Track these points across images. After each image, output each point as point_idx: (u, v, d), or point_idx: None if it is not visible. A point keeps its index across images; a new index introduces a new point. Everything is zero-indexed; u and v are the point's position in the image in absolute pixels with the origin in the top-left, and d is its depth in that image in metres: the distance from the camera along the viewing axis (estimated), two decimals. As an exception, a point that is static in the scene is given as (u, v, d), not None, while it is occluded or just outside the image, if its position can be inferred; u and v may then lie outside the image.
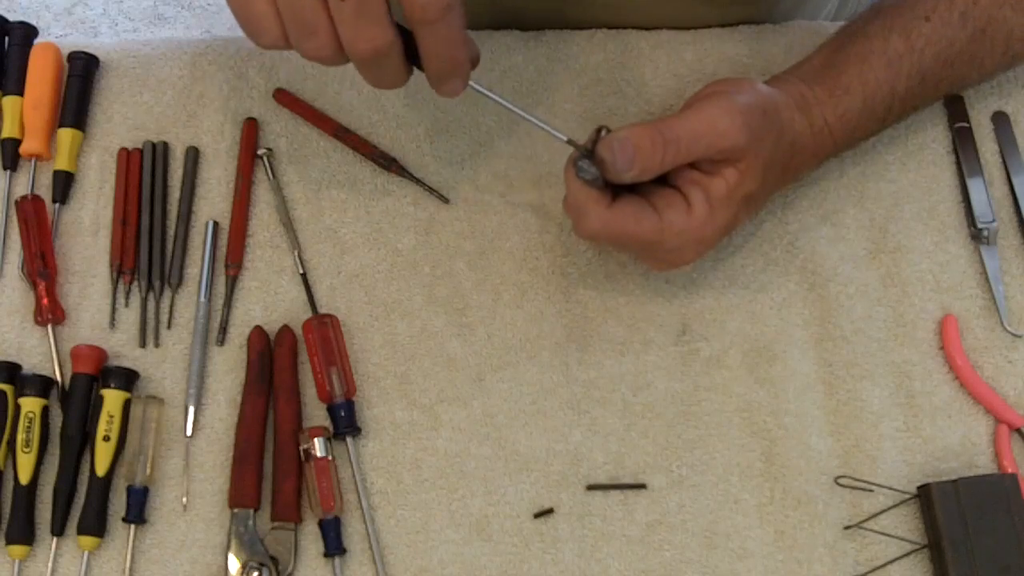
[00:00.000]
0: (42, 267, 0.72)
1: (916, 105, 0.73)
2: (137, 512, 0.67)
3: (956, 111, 0.78)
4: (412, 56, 0.60)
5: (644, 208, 0.63)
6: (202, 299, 0.72)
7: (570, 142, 0.64)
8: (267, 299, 0.73)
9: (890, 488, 0.68)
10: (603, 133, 0.62)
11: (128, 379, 0.69)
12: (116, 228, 0.75)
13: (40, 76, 0.77)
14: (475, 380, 0.71)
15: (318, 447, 0.67)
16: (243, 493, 0.67)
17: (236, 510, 0.67)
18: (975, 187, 0.75)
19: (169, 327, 0.73)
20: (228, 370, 0.71)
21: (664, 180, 0.64)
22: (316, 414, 0.70)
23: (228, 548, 0.66)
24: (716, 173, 0.63)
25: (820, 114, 0.68)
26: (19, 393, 0.69)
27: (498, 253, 0.74)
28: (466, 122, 0.78)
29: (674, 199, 0.63)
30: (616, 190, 0.64)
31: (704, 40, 0.80)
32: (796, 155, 0.68)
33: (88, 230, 0.75)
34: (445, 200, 0.76)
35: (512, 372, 0.71)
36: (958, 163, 0.77)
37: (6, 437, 0.68)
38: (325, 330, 0.70)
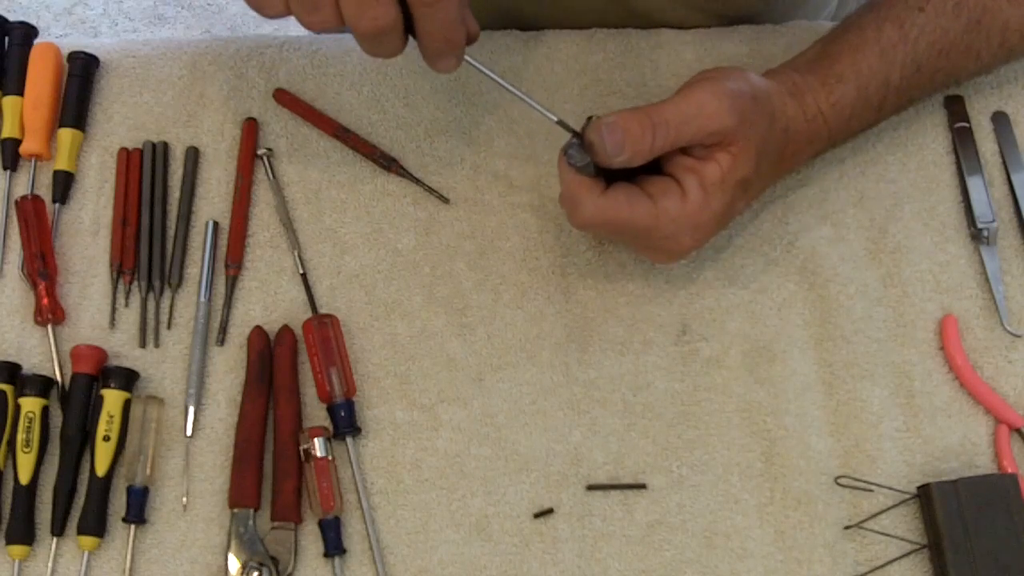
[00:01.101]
0: (42, 267, 0.72)
1: (912, 96, 0.73)
2: (137, 512, 0.67)
3: (956, 111, 0.78)
4: (409, 27, 0.60)
5: (638, 194, 0.63)
6: (202, 299, 0.72)
7: (560, 123, 0.64)
8: (267, 299, 0.73)
9: (890, 488, 0.68)
10: (592, 119, 0.62)
11: (128, 379, 0.69)
12: (116, 228, 0.75)
13: (40, 76, 0.77)
14: (475, 380, 0.71)
15: (318, 447, 0.67)
16: (243, 493, 0.67)
17: (236, 510, 0.67)
18: (975, 187, 0.75)
19: (169, 327, 0.73)
20: (228, 370, 0.71)
21: (658, 169, 0.64)
22: (316, 414, 0.70)
23: (228, 548, 0.66)
24: (709, 158, 0.63)
25: (813, 101, 0.69)
26: (19, 393, 0.69)
27: (498, 253, 0.74)
28: (466, 122, 0.78)
29: (668, 186, 0.64)
30: (609, 180, 0.64)
31: (704, 40, 0.80)
32: (790, 142, 0.68)
33: (88, 230, 0.75)
34: (445, 200, 0.76)
35: (512, 372, 0.71)
36: (958, 163, 0.77)
37: (6, 437, 0.68)
38: (325, 330, 0.70)
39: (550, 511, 0.68)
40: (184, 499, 0.68)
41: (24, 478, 0.67)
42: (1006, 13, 0.71)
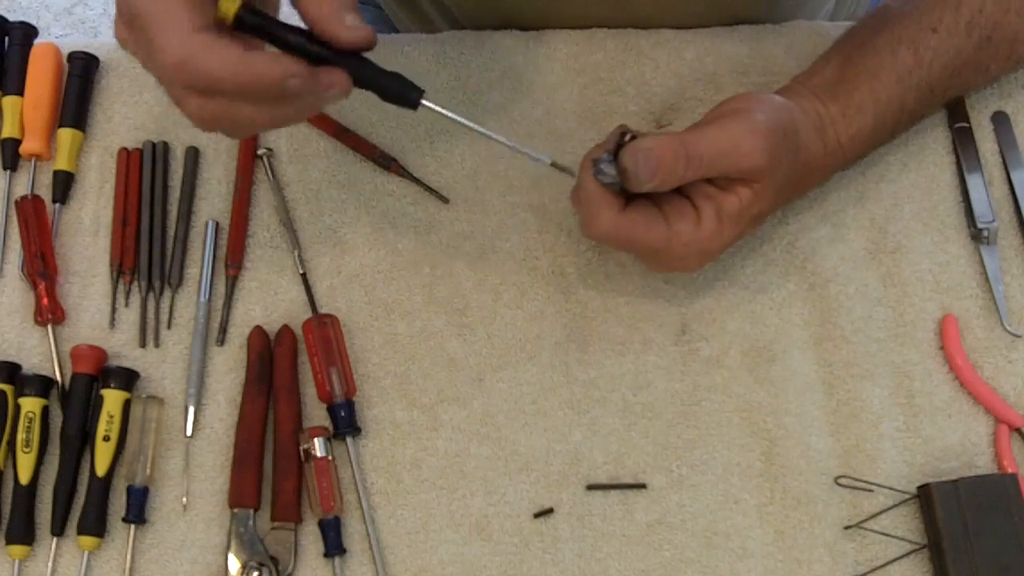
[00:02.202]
0: (42, 267, 0.72)
1: (923, 115, 0.74)
2: (137, 512, 0.67)
3: (956, 111, 0.78)
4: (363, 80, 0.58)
5: (655, 217, 0.63)
6: (202, 299, 0.72)
7: (555, 165, 0.63)
8: (267, 299, 0.73)
9: (890, 488, 0.68)
10: (627, 137, 0.62)
11: (128, 379, 0.69)
12: (116, 228, 0.75)
13: (40, 76, 0.77)
14: (475, 380, 0.71)
15: (318, 447, 0.67)
16: (243, 493, 0.67)
17: (236, 510, 0.67)
18: (975, 187, 0.75)
19: (169, 327, 0.73)
20: (228, 370, 0.71)
21: (677, 189, 0.64)
22: (316, 414, 0.70)
23: (228, 548, 0.66)
24: (730, 190, 0.63)
25: (834, 134, 0.69)
26: (19, 393, 0.69)
27: (498, 253, 0.74)
28: (466, 122, 0.78)
29: (685, 210, 0.64)
30: (628, 193, 0.64)
31: (704, 39, 0.80)
32: (808, 175, 0.69)
33: (88, 230, 0.75)
34: (445, 200, 0.76)
35: (512, 372, 0.71)
36: (958, 163, 0.76)
37: (6, 437, 0.68)
38: (325, 330, 0.70)
39: (550, 511, 0.68)
40: (184, 499, 0.68)
41: (24, 478, 0.67)
42: (1015, 26, 0.71)
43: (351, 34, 0.55)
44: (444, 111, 0.60)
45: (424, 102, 0.59)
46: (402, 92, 0.59)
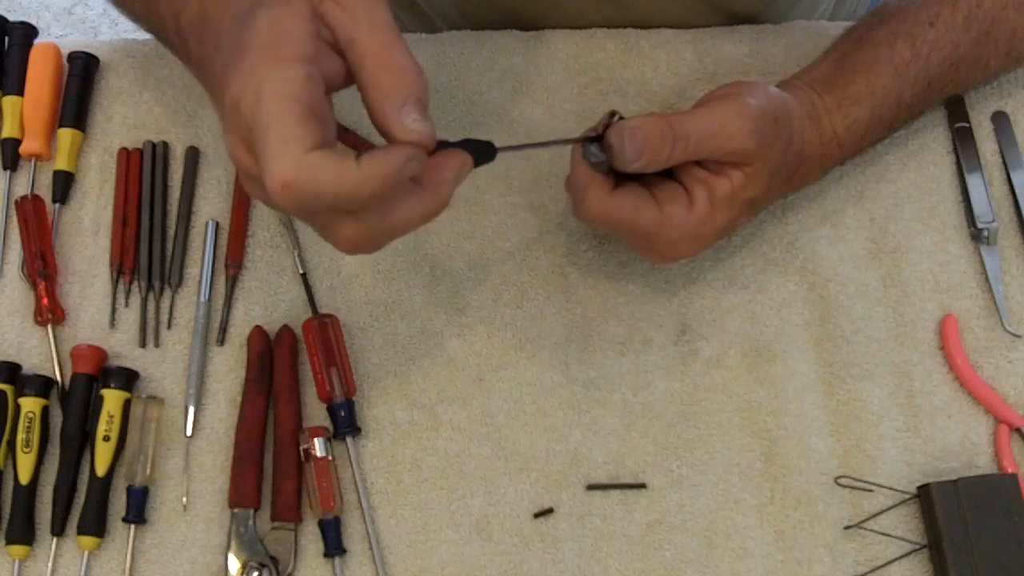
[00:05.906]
0: (42, 267, 0.72)
1: (922, 110, 0.74)
2: (137, 512, 0.67)
3: (956, 111, 0.78)
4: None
5: (645, 198, 0.63)
6: (202, 299, 0.72)
7: (588, 138, 0.63)
8: (267, 299, 0.73)
9: (890, 488, 0.68)
10: (615, 118, 0.62)
11: (128, 379, 0.69)
12: (116, 228, 0.75)
13: (40, 76, 0.78)
14: (475, 380, 0.71)
15: (318, 447, 0.67)
16: (243, 493, 0.67)
17: (236, 510, 0.67)
18: (975, 187, 0.75)
19: (169, 327, 0.73)
20: (228, 370, 0.71)
21: (670, 174, 0.64)
22: (316, 414, 0.70)
23: (228, 548, 0.66)
24: (722, 173, 0.63)
25: (829, 124, 0.69)
26: (19, 393, 0.69)
27: (498, 253, 0.74)
28: (466, 123, 0.78)
29: (676, 193, 0.63)
30: (620, 177, 0.64)
31: (704, 39, 0.80)
32: (803, 164, 0.68)
33: (88, 230, 0.75)
34: (445, 200, 0.76)
35: (512, 372, 0.71)
36: (958, 163, 0.77)
37: (6, 437, 0.68)
38: (325, 330, 0.70)
39: (550, 511, 0.68)
40: (184, 499, 0.68)
41: (24, 478, 0.67)
42: (1013, 22, 0.71)
43: (407, 135, 0.53)
44: (513, 145, 0.60)
45: (498, 148, 0.58)
46: (483, 152, 0.58)
